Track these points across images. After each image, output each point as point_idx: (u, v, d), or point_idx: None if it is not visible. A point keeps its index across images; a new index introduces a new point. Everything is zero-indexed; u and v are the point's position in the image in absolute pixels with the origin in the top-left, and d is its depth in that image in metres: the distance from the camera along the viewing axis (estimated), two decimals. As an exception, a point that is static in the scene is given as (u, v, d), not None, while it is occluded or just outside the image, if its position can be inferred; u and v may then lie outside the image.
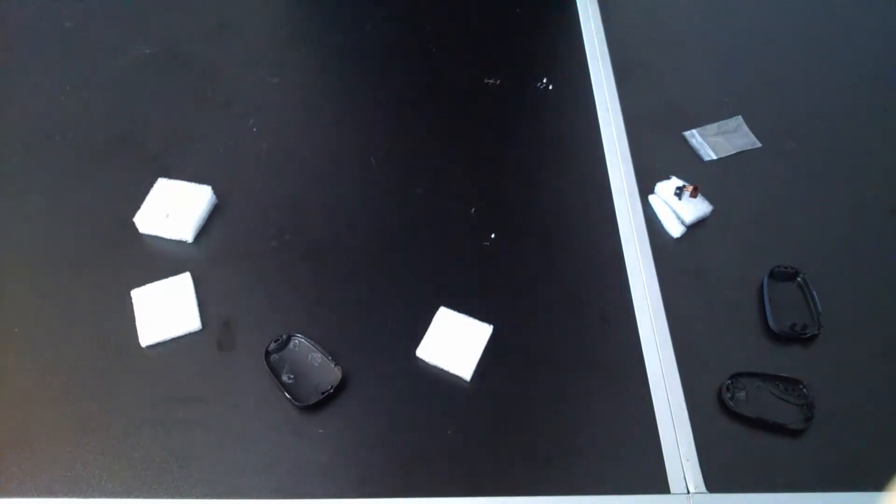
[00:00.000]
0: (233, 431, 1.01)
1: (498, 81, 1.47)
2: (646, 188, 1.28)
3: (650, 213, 1.25)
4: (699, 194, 1.23)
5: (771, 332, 1.10)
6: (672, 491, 0.96)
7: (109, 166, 1.33)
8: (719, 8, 1.63)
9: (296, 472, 0.97)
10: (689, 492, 0.95)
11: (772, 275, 1.15)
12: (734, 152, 1.33)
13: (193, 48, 1.54)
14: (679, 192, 1.23)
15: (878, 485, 0.96)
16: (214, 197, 1.26)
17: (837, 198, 1.27)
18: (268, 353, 1.07)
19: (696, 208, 1.23)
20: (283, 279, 1.17)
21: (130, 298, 1.13)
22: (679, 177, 1.26)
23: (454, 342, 1.08)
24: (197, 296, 1.14)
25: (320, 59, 1.54)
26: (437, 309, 1.12)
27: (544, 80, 1.46)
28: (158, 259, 1.19)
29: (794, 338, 1.09)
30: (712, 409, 1.03)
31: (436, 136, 1.38)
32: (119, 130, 1.39)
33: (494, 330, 1.10)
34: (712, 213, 1.23)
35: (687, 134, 1.36)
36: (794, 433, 1.00)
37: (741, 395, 1.03)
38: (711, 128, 1.37)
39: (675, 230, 1.22)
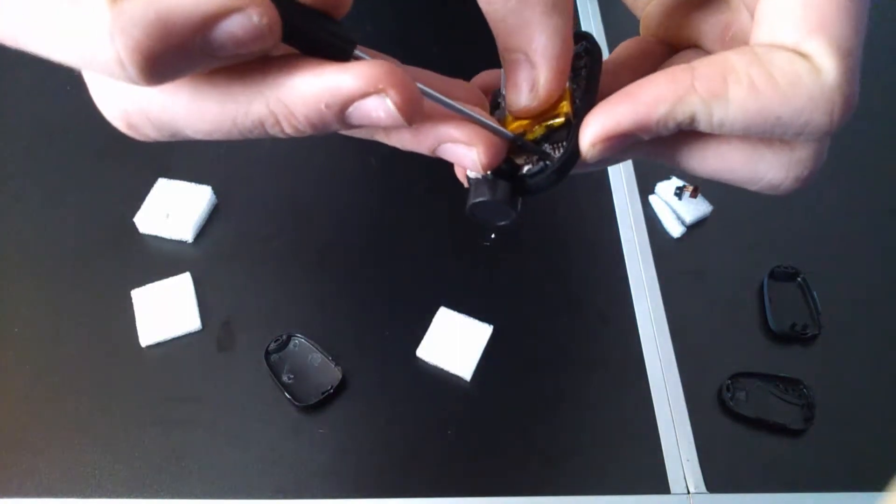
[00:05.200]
0: (233, 431, 1.01)
1: (498, 81, 1.46)
2: (646, 188, 1.28)
3: (650, 213, 1.25)
4: (699, 194, 1.23)
5: (771, 332, 1.10)
6: (672, 491, 0.96)
7: (109, 166, 1.33)
8: (719, 8, 1.63)
9: (296, 472, 0.97)
10: (689, 492, 0.95)
11: (772, 275, 1.15)
12: (734, 152, 1.33)
13: (193, 48, 1.54)
14: (679, 192, 1.23)
15: (878, 485, 0.95)
16: (214, 197, 1.26)
17: (837, 198, 1.27)
18: (268, 353, 1.07)
19: (696, 208, 1.23)
20: (283, 279, 1.17)
21: (130, 298, 1.13)
22: (679, 177, 1.26)
23: (454, 342, 1.08)
24: (197, 296, 1.13)
25: (320, 59, 1.53)
26: (437, 309, 1.11)
27: (544, 80, 1.46)
28: (158, 259, 1.19)
29: (794, 338, 1.09)
30: (712, 409, 1.03)
31: (436, 136, 1.38)
32: (119, 130, 1.39)
33: (494, 330, 1.09)
34: (712, 213, 1.23)
35: (687, 134, 1.36)
36: (794, 433, 1.00)
37: (741, 395, 1.03)
38: (711, 128, 1.37)
39: (675, 230, 1.22)
